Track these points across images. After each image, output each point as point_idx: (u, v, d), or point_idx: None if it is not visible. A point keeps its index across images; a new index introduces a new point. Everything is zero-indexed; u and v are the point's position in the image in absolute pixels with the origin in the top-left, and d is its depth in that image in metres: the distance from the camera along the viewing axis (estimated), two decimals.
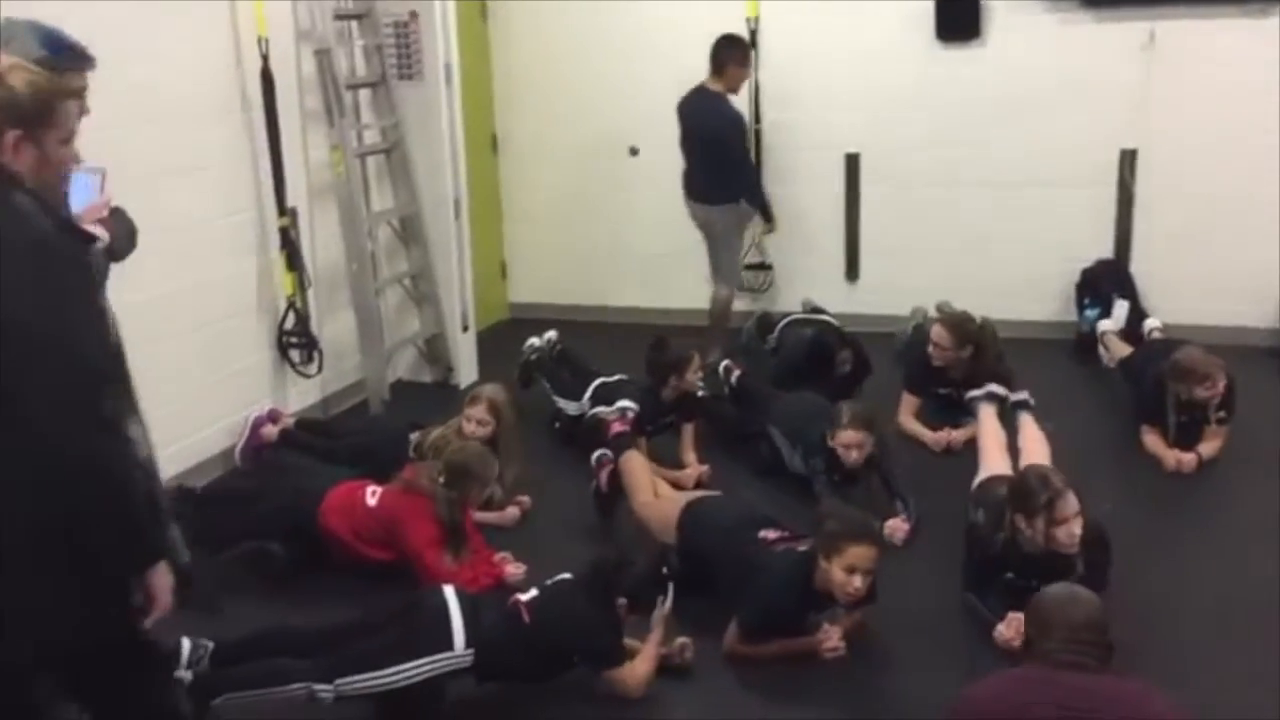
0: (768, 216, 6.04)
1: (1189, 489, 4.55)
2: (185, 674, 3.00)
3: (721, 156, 5.80)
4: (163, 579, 2.19)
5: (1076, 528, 3.38)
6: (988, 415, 4.67)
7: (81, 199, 2.86)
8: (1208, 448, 4.69)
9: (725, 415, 5.08)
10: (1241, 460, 4.69)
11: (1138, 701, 2.33)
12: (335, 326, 5.61)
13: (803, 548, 3.45)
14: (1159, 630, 3.45)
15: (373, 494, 3.89)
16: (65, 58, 2.67)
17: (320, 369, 5.36)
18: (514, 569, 3.86)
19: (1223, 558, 3.95)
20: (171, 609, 2.22)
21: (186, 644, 3.05)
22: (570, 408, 5.06)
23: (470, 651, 3.06)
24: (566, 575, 3.33)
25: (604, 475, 4.24)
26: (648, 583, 3.26)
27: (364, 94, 5.67)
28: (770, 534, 3.64)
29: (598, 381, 5.03)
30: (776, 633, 3.41)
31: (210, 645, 3.09)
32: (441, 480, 3.80)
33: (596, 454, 4.32)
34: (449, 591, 3.20)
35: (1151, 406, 4.79)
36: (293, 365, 5.29)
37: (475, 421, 4.37)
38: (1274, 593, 3.65)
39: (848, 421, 4.20)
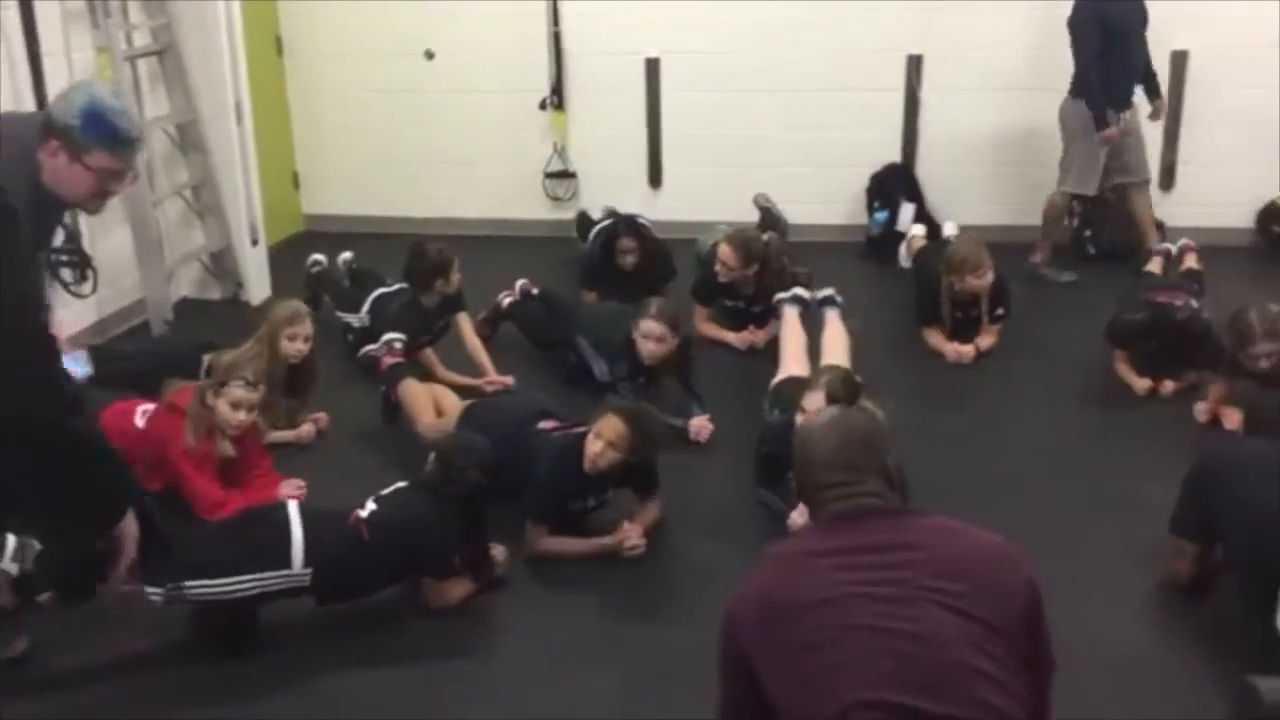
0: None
1: (968, 381, 4.80)
2: (10, 567, 2.87)
3: (1074, 49, 5.63)
4: None
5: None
6: (791, 317, 4.78)
7: None
8: (985, 341, 4.96)
9: (533, 323, 5.04)
10: (1016, 352, 4.98)
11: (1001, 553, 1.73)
12: (110, 242, 5.26)
13: (579, 432, 3.51)
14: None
15: (143, 414, 3.69)
16: (91, 135, 2.59)
17: (95, 288, 4.97)
18: (288, 489, 3.70)
19: (997, 440, 4.22)
20: None
21: (12, 540, 2.88)
22: (353, 320, 4.94)
23: (308, 571, 3.00)
24: (402, 483, 3.27)
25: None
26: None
27: None
28: (548, 424, 3.69)
29: (377, 292, 4.90)
30: (561, 518, 3.46)
31: (37, 545, 2.92)
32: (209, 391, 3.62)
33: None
34: (293, 508, 3.12)
35: (929, 302, 5.01)
36: (64, 285, 4.87)
37: (303, 339, 4.13)
38: (1040, 465, 4.02)
39: (652, 313, 4.22)
